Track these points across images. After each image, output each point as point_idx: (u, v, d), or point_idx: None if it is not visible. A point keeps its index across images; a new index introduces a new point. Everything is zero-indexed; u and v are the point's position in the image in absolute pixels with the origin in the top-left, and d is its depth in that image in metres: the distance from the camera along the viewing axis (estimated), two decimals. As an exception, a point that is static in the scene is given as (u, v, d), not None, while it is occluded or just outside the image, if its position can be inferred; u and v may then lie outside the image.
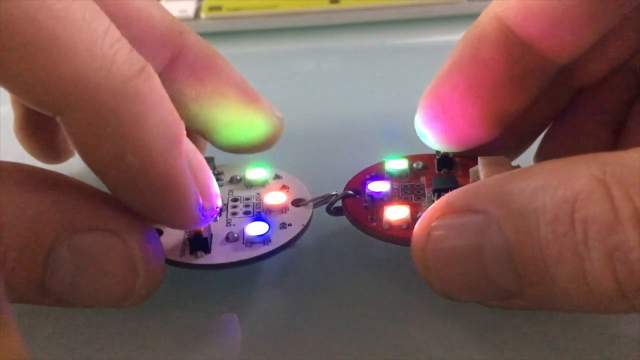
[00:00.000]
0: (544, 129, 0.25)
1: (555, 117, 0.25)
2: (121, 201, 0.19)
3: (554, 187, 0.16)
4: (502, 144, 0.24)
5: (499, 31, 0.21)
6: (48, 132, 0.26)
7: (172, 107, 0.18)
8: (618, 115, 0.24)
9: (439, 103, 0.22)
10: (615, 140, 0.24)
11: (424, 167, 0.24)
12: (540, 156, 0.25)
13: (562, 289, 0.16)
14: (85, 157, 0.18)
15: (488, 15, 0.22)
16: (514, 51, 0.21)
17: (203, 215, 0.19)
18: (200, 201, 0.19)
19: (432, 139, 0.23)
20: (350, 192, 0.23)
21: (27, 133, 0.27)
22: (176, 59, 0.23)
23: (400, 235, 0.21)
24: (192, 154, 0.19)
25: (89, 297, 0.19)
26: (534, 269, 0.17)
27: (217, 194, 0.20)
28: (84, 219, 0.18)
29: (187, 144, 0.19)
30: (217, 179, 0.24)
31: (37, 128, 0.26)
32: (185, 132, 0.18)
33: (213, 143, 0.25)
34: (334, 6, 0.41)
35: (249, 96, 0.24)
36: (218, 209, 0.20)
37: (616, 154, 0.16)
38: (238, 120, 0.24)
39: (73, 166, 0.28)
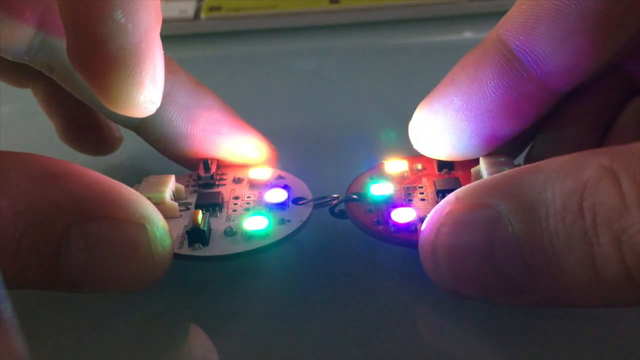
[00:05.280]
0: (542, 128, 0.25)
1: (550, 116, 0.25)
2: (77, 67, 0.19)
3: (563, 178, 0.16)
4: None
5: (501, 54, 0.21)
6: (92, 130, 0.28)
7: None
8: (606, 118, 0.24)
9: (433, 116, 0.23)
10: (602, 144, 0.24)
11: (424, 168, 0.24)
12: (529, 160, 0.25)
13: (572, 278, 0.17)
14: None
15: (491, 37, 0.22)
16: (513, 75, 0.21)
17: (142, 105, 0.20)
18: (147, 89, 0.20)
19: (423, 148, 0.23)
20: (354, 196, 0.23)
21: (72, 138, 0.28)
22: (167, 98, 0.23)
23: (409, 238, 0.21)
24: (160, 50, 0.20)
25: (101, 283, 0.20)
26: (544, 259, 0.17)
27: (161, 90, 0.21)
28: (94, 207, 0.19)
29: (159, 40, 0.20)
30: (220, 179, 0.25)
31: (80, 131, 0.28)
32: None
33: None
34: (334, 6, 0.41)
35: (242, 131, 0.25)
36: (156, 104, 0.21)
37: (624, 145, 0.17)
38: (231, 155, 0.25)
39: (84, 156, 0.29)
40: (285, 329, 0.21)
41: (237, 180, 0.24)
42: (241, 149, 0.25)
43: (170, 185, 0.23)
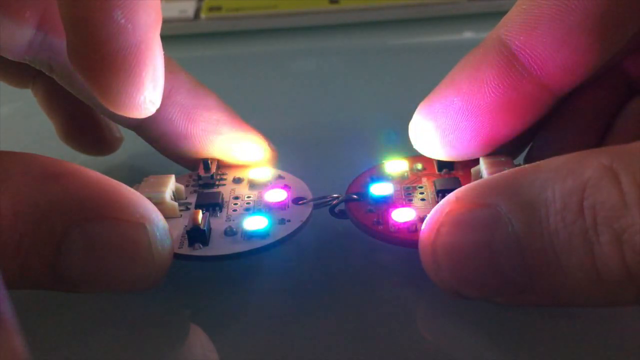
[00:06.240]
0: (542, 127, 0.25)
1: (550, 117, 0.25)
2: (76, 68, 0.19)
3: (563, 177, 0.17)
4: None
5: (501, 54, 0.21)
6: (92, 130, 0.28)
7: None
8: (606, 118, 0.24)
9: (433, 116, 0.23)
10: (602, 144, 0.24)
11: (424, 168, 0.24)
12: (529, 160, 0.25)
13: (572, 278, 0.17)
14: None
15: (492, 37, 0.22)
16: (514, 76, 0.21)
17: (142, 106, 0.20)
18: (146, 89, 0.20)
19: (423, 149, 0.23)
20: (355, 196, 0.23)
21: (72, 138, 0.29)
22: (167, 98, 0.23)
23: (409, 238, 0.21)
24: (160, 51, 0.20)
25: (101, 283, 0.20)
26: (545, 259, 0.17)
27: (161, 91, 0.21)
28: (95, 207, 0.19)
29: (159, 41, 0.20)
30: (220, 179, 0.25)
31: (80, 131, 0.28)
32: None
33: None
34: (334, 6, 0.41)
35: (242, 131, 0.25)
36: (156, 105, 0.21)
37: (624, 145, 0.17)
38: (231, 155, 0.25)
39: (84, 156, 0.29)
40: (285, 328, 0.21)
41: (237, 180, 0.24)
42: (241, 149, 0.25)
43: (170, 185, 0.23)
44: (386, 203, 0.23)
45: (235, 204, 0.23)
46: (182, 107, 0.24)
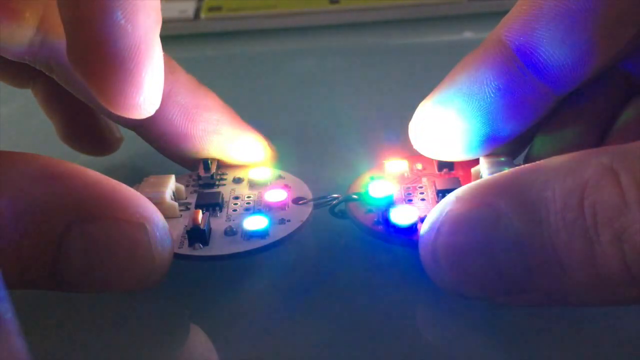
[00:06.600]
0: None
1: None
2: (76, 68, 0.19)
3: (563, 177, 0.17)
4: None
5: (501, 54, 0.21)
6: (92, 130, 0.28)
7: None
8: (606, 118, 0.24)
9: (433, 117, 0.23)
10: (602, 144, 0.24)
11: (424, 168, 0.24)
12: (529, 160, 0.25)
13: (572, 277, 0.17)
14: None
15: (492, 37, 0.22)
16: (514, 76, 0.21)
17: (141, 107, 0.20)
18: (146, 90, 0.19)
19: (423, 149, 0.23)
20: (355, 196, 0.23)
21: (72, 138, 0.29)
22: (167, 98, 0.23)
23: (409, 238, 0.21)
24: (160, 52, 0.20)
25: (101, 283, 0.20)
26: (545, 258, 0.17)
27: (160, 92, 0.20)
28: (95, 207, 0.19)
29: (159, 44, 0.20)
30: (220, 179, 0.25)
31: (80, 131, 0.28)
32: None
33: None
34: (334, 6, 0.41)
35: (242, 131, 0.25)
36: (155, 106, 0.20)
37: (624, 145, 0.17)
38: (231, 155, 0.25)
39: (84, 156, 0.29)
40: (285, 328, 0.21)
41: (237, 180, 0.24)
42: (241, 149, 0.25)
43: (170, 185, 0.23)
44: (386, 203, 0.23)
45: (235, 204, 0.23)
46: (182, 107, 0.24)
